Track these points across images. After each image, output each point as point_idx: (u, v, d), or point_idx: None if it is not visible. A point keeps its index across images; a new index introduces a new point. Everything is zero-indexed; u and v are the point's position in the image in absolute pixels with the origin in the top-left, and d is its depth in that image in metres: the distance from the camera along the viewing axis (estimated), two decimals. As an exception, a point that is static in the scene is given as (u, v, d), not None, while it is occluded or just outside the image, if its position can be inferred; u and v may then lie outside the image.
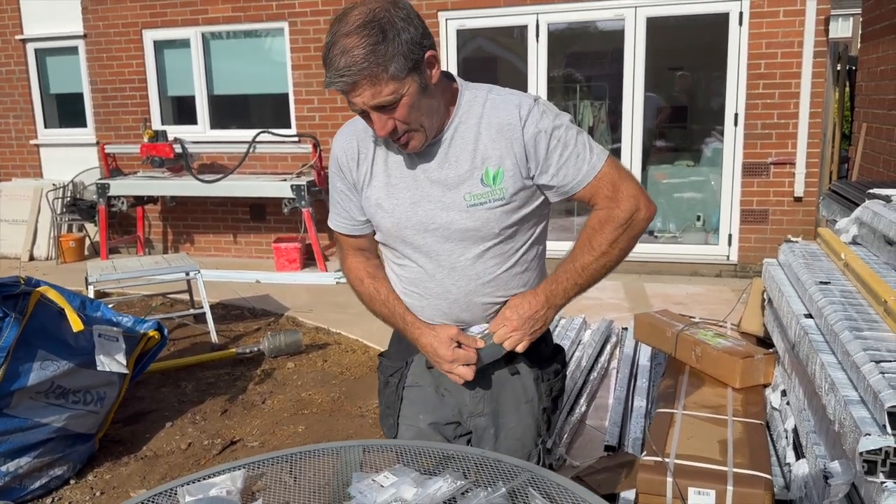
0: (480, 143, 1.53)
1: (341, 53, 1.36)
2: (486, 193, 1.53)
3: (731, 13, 5.96)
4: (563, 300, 1.59)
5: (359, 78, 1.37)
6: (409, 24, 1.40)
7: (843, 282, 2.52)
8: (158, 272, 4.88)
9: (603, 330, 4.57)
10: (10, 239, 7.93)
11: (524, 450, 1.73)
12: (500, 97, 1.56)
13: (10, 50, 8.15)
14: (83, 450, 3.25)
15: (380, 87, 1.39)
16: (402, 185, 1.57)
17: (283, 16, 7.06)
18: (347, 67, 1.36)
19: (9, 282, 2.95)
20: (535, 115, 1.52)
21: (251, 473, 1.43)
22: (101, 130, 7.87)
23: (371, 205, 1.62)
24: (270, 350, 4.56)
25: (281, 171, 7.29)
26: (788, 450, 2.43)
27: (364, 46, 1.35)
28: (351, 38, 1.36)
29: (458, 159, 1.54)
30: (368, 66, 1.36)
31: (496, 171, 1.52)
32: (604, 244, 1.56)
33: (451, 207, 1.54)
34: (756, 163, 6.07)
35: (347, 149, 1.63)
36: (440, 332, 1.60)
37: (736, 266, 6.24)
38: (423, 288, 1.63)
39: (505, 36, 6.80)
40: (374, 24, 1.36)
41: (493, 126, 1.53)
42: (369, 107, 1.42)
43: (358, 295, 1.75)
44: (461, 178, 1.54)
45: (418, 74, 1.42)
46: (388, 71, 1.37)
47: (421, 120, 1.47)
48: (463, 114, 1.55)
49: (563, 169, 1.53)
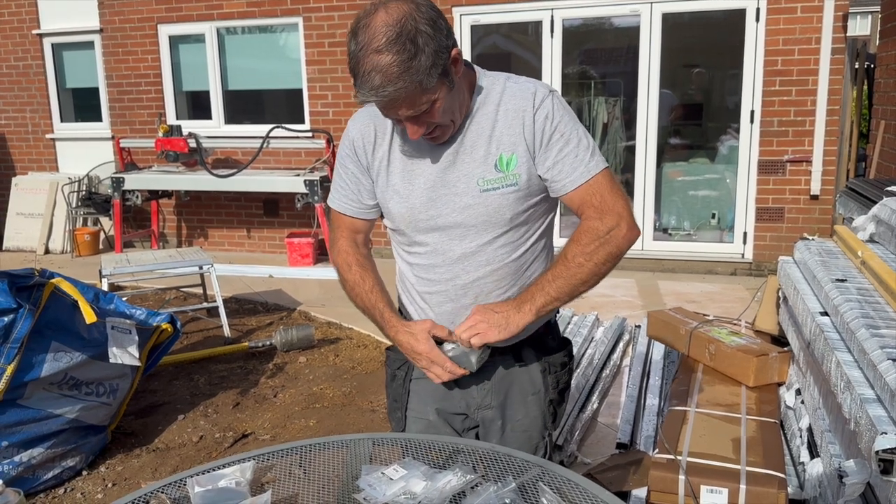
0: (496, 129, 1.54)
1: (374, 71, 1.35)
2: (500, 179, 1.54)
3: (748, 9, 5.90)
4: (531, 305, 1.52)
5: (396, 96, 1.37)
6: (436, 30, 1.39)
7: (860, 279, 2.49)
8: (172, 266, 4.90)
9: (616, 327, 4.55)
10: (26, 232, 8.00)
11: (531, 442, 1.74)
12: (518, 85, 1.56)
13: (27, 45, 8.21)
14: (95, 441, 3.27)
15: (416, 99, 1.40)
16: (419, 170, 1.58)
17: (297, 11, 7.06)
18: (383, 87, 1.36)
19: (23, 273, 2.96)
20: (547, 104, 1.53)
21: (261, 465, 1.43)
22: (117, 125, 7.91)
23: (386, 190, 1.62)
24: (283, 344, 4.57)
25: (294, 166, 7.31)
26: (803, 449, 2.40)
27: (398, 64, 1.34)
28: (383, 55, 1.34)
29: (473, 145, 1.55)
30: (405, 84, 1.36)
31: (510, 156, 1.53)
32: (578, 255, 1.52)
33: (465, 193, 1.55)
34: (772, 160, 6.01)
35: (365, 132, 1.63)
36: (415, 327, 1.59)
37: (751, 264, 6.19)
38: (434, 272, 1.63)
39: (519, 32, 6.77)
40: (404, 38, 1.34)
41: (509, 112, 1.53)
42: (405, 118, 1.44)
43: (342, 281, 1.73)
44: (476, 163, 1.54)
45: (447, 77, 1.43)
46: (423, 84, 1.38)
47: (451, 115, 1.49)
48: (481, 101, 1.55)
49: (559, 164, 1.53)
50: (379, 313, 1.66)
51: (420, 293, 1.67)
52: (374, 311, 1.67)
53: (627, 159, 6.70)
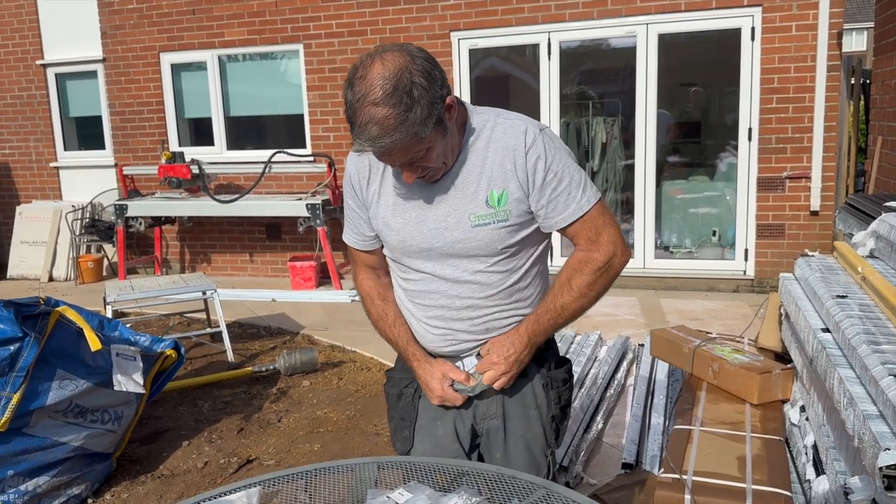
0: (486, 166, 1.58)
1: (371, 123, 1.40)
2: (491, 215, 1.58)
3: (744, 28, 5.96)
4: (543, 338, 1.68)
5: (392, 147, 1.43)
6: (431, 82, 1.43)
7: (861, 295, 2.50)
8: (175, 292, 4.92)
9: (619, 346, 4.55)
10: (30, 260, 8.03)
11: (532, 457, 1.75)
12: (508, 121, 1.60)
13: (31, 75, 8.30)
14: (101, 469, 3.27)
15: (411, 148, 1.45)
16: (409, 204, 1.63)
17: (297, 38, 7.15)
18: (380, 138, 1.41)
19: (28, 302, 2.98)
20: (538, 144, 1.56)
21: (266, 490, 1.44)
22: (120, 152, 7.98)
23: (379, 223, 1.68)
24: (286, 368, 4.57)
25: (296, 190, 7.35)
26: (808, 466, 2.40)
27: (395, 117, 1.39)
28: (379, 108, 1.38)
29: (465, 182, 1.59)
30: (401, 136, 1.41)
31: (500, 193, 1.57)
32: (582, 286, 1.63)
33: (456, 227, 1.59)
34: (771, 177, 6.04)
35: (360, 167, 1.70)
36: (435, 368, 1.70)
37: (753, 281, 6.20)
38: (428, 298, 1.69)
39: (517, 54, 6.84)
40: (400, 91, 1.39)
41: (499, 150, 1.57)
42: (399, 165, 1.51)
43: (367, 313, 1.84)
44: (467, 199, 1.59)
45: (441, 125, 1.48)
46: (418, 135, 1.43)
47: (444, 158, 1.55)
48: (472, 139, 1.59)
49: (552, 202, 1.59)
50: (402, 346, 1.76)
51: (416, 317, 1.73)
52: (398, 342, 1.77)
53: (627, 178, 6.73)
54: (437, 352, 1.74)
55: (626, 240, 1.70)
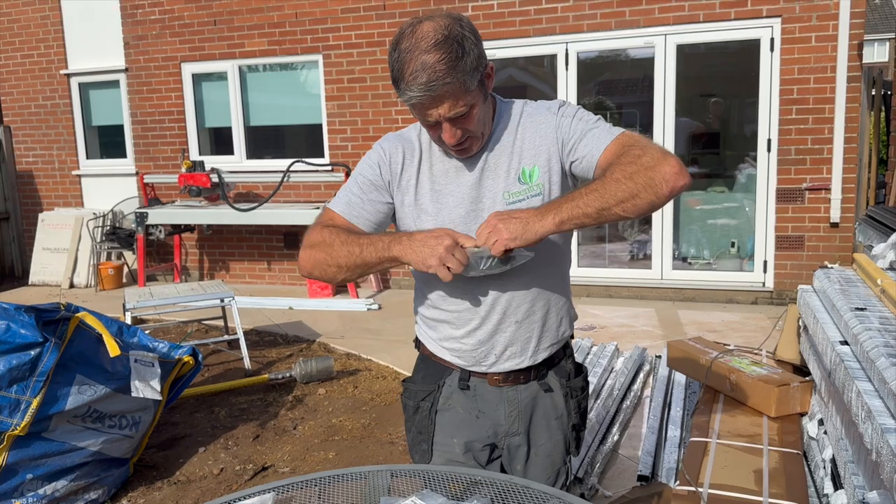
0: (516, 145, 1.62)
1: (423, 69, 1.42)
2: (524, 190, 1.60)
3: (763, 39, 5.94)
4: (556, 216, 1.42)
5: (442, 91, 1.43)
6: (477, 39, 1.49)
7: (880, 308, 2.48)
8: (194, 299, 4.96)
9: (636, 358, 4.52)
10: (51, 267, 8.13)
11: (553, 467, 1.77)
12: (534, 106, 1.66)
13: (55, 84, 8.44)
14: (118, 474, 3.30)
15: (459, 99, 1.46)
16: (447, 190, 1.64)
17: (317, 49, 7.21)
18: (432, 82, 1.42)
19: (49, 308, 3.02)
20: (564, 108, 1.62)
21: (280, 497, 1.44)
22: (141, 161, 8.07)
23: (414, 210, 1.64)
24: (302, 376, 4.59)
25: (314, 199, 7.40)
26: (826, 480, 2.37)
27: (446, 62, 1.42)
28: (431, 54, 1.42)
29: (497, 163, 1.62)
30: (453, 80, 1.43)
31: (531, 168, 1.60)
32: (617, 172, 1.41)
33: (493, 207, 1.60)
34: (791, 188, 6.00)
35: (393, 152, 1.65)
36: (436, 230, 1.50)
37: (772, 293, 6.14)
38: (461, 291, 1.64)
39: (535, 65, 6.86)
40: (451, 40, 1.43)
41: (528, 129, 1.62)
42: (445, 118, 1.49)
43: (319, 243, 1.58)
44: (500, 178, 1.61)
45: (483, 86, 1.52)
46: (466, 84, 1.46)
47: (482, 127, 1.56)
48: (502, 123, 1.64)
49: (586, 136, 1.56)
50: (378, 236, 1.55)
51: (447, 312, 1.68)
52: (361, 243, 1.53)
53: (645, 189, 6.70)
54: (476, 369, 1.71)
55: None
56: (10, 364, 2.82)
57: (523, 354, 1.69)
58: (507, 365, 1.69)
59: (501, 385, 1.71)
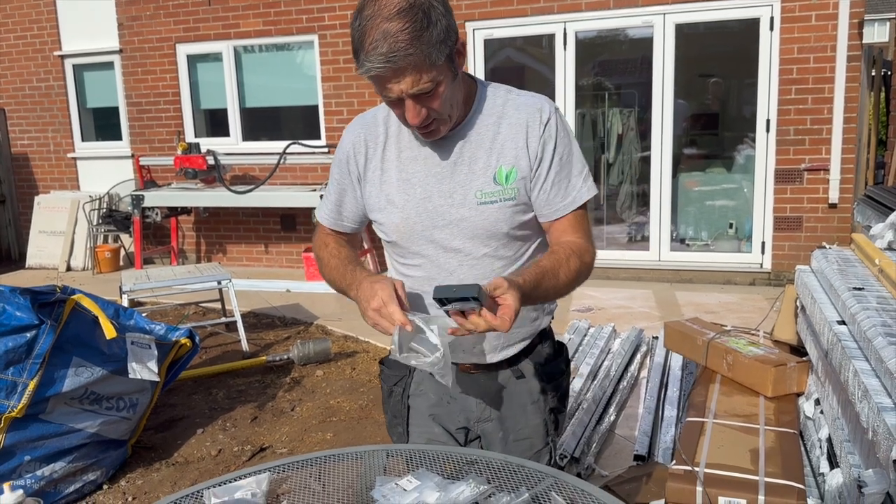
0: (497, 141, 1.51)
1: (383, 38, 1.29)
2: (498, 192, 1.50)
3: (762, 18, 5.89)
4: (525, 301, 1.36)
5: (404, 64, 1.31)
6: (447, 10, 1.37)
7: (878, 288, 2.47)
8: (191, 281, 4.96)
9: (633, 339, 4.53)
10: (48, 250, 8.12)
11: (533, 450, 1.69)
12: (521, 98, 1.54)
13: (49, 66, 8.37)
14: (116, 455, 3.31)
15: (422, 73, 1.33)
16: (415, 180, 1.54)
17: (312, 29, 7.15)
18: (392, 53, 1.29)
19: (45, 290, 3.01)
20: (553, 123, 1.51)
21: (276, 477, 1.44)
22: (136, 143, 8.03)
23: (381, 200, 1.58)
24: (300, 358, 4.59)
25: (311, 181, 7.37)
26: (822, 459, 2.38)
27: (409, 31, 1.29)
28: (393, 22, 1.29)
29: (473, 156, 1.52)
30: (415, 51, 1.30)
31: (509, 170, 1.50)
32: (573, 273, 1.47)
33: (462, 204, 1.51)
34: (789, 169, 5.98)
35: (356, 143, 1.60)
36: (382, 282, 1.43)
37: (770, 274, 6.14)
38: (429, 285, 1.54)
39: (533, 45, 6.81)
40: (416, 8, 1.30)
41: (512, 125, 1.51)
42: (407, 94, 1.36)
43: (318, 260, 1.67)
44: (474, 175, 1.51)
45: (452, 63, 1.39)
46: (431, 58, 1.33)
47: (449, 109, 1.44)
48: (482, 111, 1.52)
49: (556, 186, 1.51)
50: (350, 272, 1.55)
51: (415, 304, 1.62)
52: (345, 272, 1.56)
53: (643, 170, 6.69)
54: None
55: None
56: (6, 346, 2.82)
57: (493, 351, 1.63)
58: (476, 360, 1.64)
59: (472, 372, 1.66)
